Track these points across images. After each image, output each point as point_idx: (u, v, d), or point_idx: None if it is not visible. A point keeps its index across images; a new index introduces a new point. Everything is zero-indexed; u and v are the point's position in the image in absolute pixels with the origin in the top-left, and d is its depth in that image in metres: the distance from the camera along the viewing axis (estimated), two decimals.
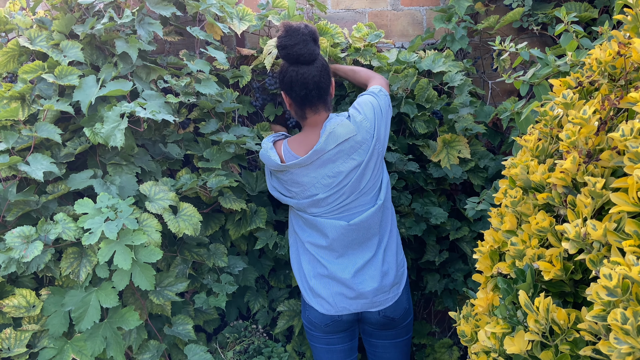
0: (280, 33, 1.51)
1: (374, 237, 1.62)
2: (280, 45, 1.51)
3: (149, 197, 1.62)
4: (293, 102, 1.58)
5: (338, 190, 1.56)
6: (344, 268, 1.61)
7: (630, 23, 1.08)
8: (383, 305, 1.64)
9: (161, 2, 1.73)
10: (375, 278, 1.61)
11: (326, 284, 1.62)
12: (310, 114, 1.57)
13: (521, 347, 0.84)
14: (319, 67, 1.53)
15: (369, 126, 1.56)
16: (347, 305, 1.62)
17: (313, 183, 1.56)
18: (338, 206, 1.58)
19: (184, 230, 1.61)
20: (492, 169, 1.98)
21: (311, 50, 1.50)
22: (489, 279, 1.08)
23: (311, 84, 1.51)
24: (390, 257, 1.66)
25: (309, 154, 1.52)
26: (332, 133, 1.52)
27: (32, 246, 1.42)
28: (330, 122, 1.55)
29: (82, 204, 1.48)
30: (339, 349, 1.72)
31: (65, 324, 1.51)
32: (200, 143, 1.82)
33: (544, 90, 1.48)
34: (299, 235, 1.67)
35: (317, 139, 1.55)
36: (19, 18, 1.63)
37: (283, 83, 1.56)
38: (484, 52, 2.23)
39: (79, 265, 1.52)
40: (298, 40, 1.49)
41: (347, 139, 1.53)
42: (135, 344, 1.62)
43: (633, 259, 0.69)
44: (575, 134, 0.91)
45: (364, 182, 1.58)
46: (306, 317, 1.71)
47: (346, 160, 1.54)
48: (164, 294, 1.66)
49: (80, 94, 1.56)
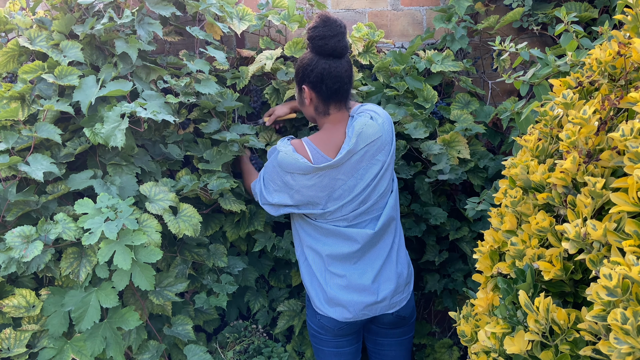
0: (316, 23, 1.45)
1: (387, 239, 1.61)
2: (317, 36, 1.45)
3: (149, 197, 1.61)
4: (318, 97, 1.51)
5: (362, 191, 1.52)
6: (362, 273, 1.57)
7: (630, 23, 1.07)
8: (399, 305, 1.63)
9: (161, 2, 1.73)
10: (392, 279, 1.60)
11: (346, 293, 1.57)
12: (334, 110, 1.53)
13: (521, 347, 0.84)
14: (348, 62, 1.51)
15: (388, 127, 1.55)
16: (368, 311, 1.59)
17: (340, 185, 1.50)
18: (361, 211, 1.54)
19: (184, 231, 1.61)
20: (492, 169, 1.98)
21: (347, 44, 1.48)
22: (489, 279, 1.08)
23: (345, 78, 1.49)
24: (402, 257, 1.66)
25: (342, 155, 1.46)
26: (362, 133, 1.48)
27: (32, 246, 1.42)
28: (357, 121, 1.50)
29: (82, 204, 1.48)
30: (347, 351, 1.70)
31: (65, 324, 1.51)
32: (200, 144, 1.82)
33: (544, 90, 1.48)
34: (314, 248, 1.59)
35: (341, 138, 1.51)
36: (18, 18, 1.63)
37: (309, 77, 1.49)
38: (484, 52, 2.23)
39: (79, 265, 1.52)
40: (337, 32, 1.45)
41: (374, 140, 1.50)
42: (134, 344, 1.62)
43: (633, 259, 0.69)
44: (575, 134, 0.91)
45: (385, 183, 1.56)
46: (316, 321, 1.65)
47: (371, 161, 1.51)
48: (164, 294, 1.66)
49: (80, 94, 1.56)
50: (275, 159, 1.51)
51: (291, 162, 1.47)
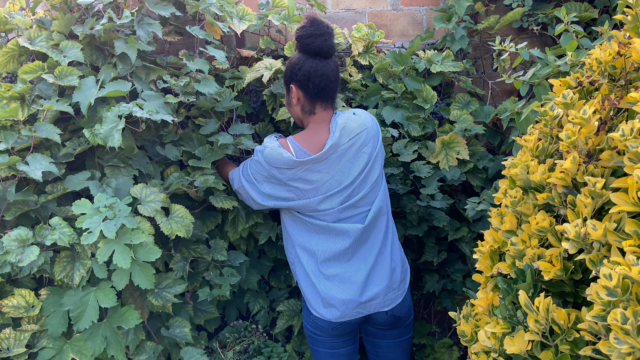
0: (304, 23, 1.50)
1: (378, 234, 1.61)
2: (305, 35, 1.49)
3: (140, 199, 1.60)
4: (305, 96, 1.54)
5: (350, 184, 1.54)
6: (355, 270, 1.58)
7: (630, 23, 1.07)
8: (394, 303, 1.63)
9: (160, 2, 1.73)
10: (385, 276, 1.60)
11: (339, 292, 1.57)
12: (320, 109, 1.56)
13: (521, 347, 0.84)
14: (335, 62, 1.55)
15: (372, 123, 1.59)
16: (361, 309, 1.59)
17: (327, 179, 1.53)
18: (349, 204, 1.55)
19: (176, 232, 1.60)
20: (491, 169, 1.98)
21: (333, 45, 1.52)
22: (489, 279, 1.08)
23: (332, 76, 1.52)
24: (395, 253, 1.65)
25: (326, 149, 1.49)
26: (345, 127, 1.52)
27: (29, 250, 1.42)
28: (340, 117, 1.55)
29: (80, 205, 1.48)
30: (342, 352, 1.70)
31: (64, 324, 1.51)
32: (195, 139, 1.81)
33: (544, 90, 1.48)
34: (306, 247, 1.60)
35: (326, 135, 1.54)
36: (18, 18, 1.63)
37: (297, 75, 1.52)
38: (484, 52, 2.23)
39: (72, 269, 1.52)
40: (323, 31, 1.49)
41: (358, 134, 1.53)
42: (132, 344, 1.62)
43: (633, 259, 0.69)
44: (575, 134, 0.91)
45: (373, 177, 1.58)
46: (311, 322, 1.66)
47: (357, 155, 1.54)
48: (163, 296, 1.65)
49: (79, 95, 1.56)
50: (262, 153, 1.54)
51: (276, 157, 1.50)
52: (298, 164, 1.50)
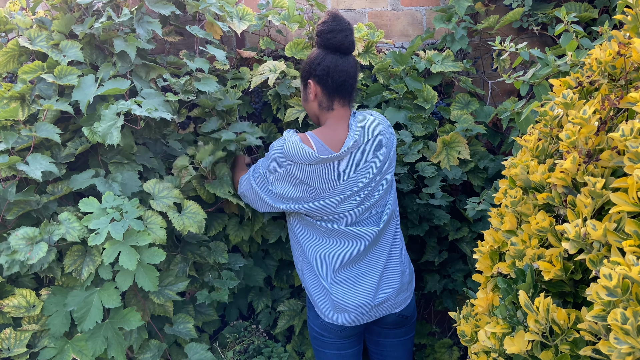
0: (326, 19, 1.51)
1: (388, 236, 1.61)
2: (326, 30, 1.50)
3: (153, 194, 1.61)
4: (323, 91, 1.53)
5: (366, 186, 1.53)
6: (367, 274, 1.56)
7: (630, 23, 1.07)
8: (404, 304, 1.63)
9: (160, 0, 1.73)
10: (396, 278, 1.60)
11: (352, 297, 1.55)
12: (338, 106, 1.55)
13: (521, 347, 0.84)
14: (354, 59, 1.56)
15: (387, 126, 1.60)
16: (374, 312, 1.58)
17: (344, 179, 1.51)
18: (365, 207, 1.54)
19: (188, 227, 1.60)
20: (492, 169, 1.98)
21: (353, 41, 1.53)
22: (489, 279, 1.08)
23: (352, 72, 1.53)
24: (403, 255, 1.66)
25: (348, 147, 1.49)
26: (365, 127, 1.52)
27: (37, 247, 1.42)
28: (360, 116, 1.55)
29: (87, 203, 1.48)
30: (349, 353, 1.69)
31: (66, 324, 1.51)
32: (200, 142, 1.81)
33: (544, 90, 1.48)
34: (319, 253, 1.56)
35: (344, 133, 1.53)
36: (18, 18, 1.63)
37: (316, 70, 1.52)
38: (484, 52, 2.23)
39: (82, 263, 1.52)
40: (345, 27, 1.50)
41: (376, 135, 1.54)
42: (136, 343, 1.62)
43: (633, 259, 0.69)
44: (575, 134, 0.91)
45: (387, 180, 1.58)
46: (319, 324, 1.63)
47: (374, 156, 1.54)
48: (165, 293, 1.65)
49: (79, 94, 1.56)
50: (281, 148, 1.49)
51: (298, 152, 1.46)
52: (320, 160, 1.47)
